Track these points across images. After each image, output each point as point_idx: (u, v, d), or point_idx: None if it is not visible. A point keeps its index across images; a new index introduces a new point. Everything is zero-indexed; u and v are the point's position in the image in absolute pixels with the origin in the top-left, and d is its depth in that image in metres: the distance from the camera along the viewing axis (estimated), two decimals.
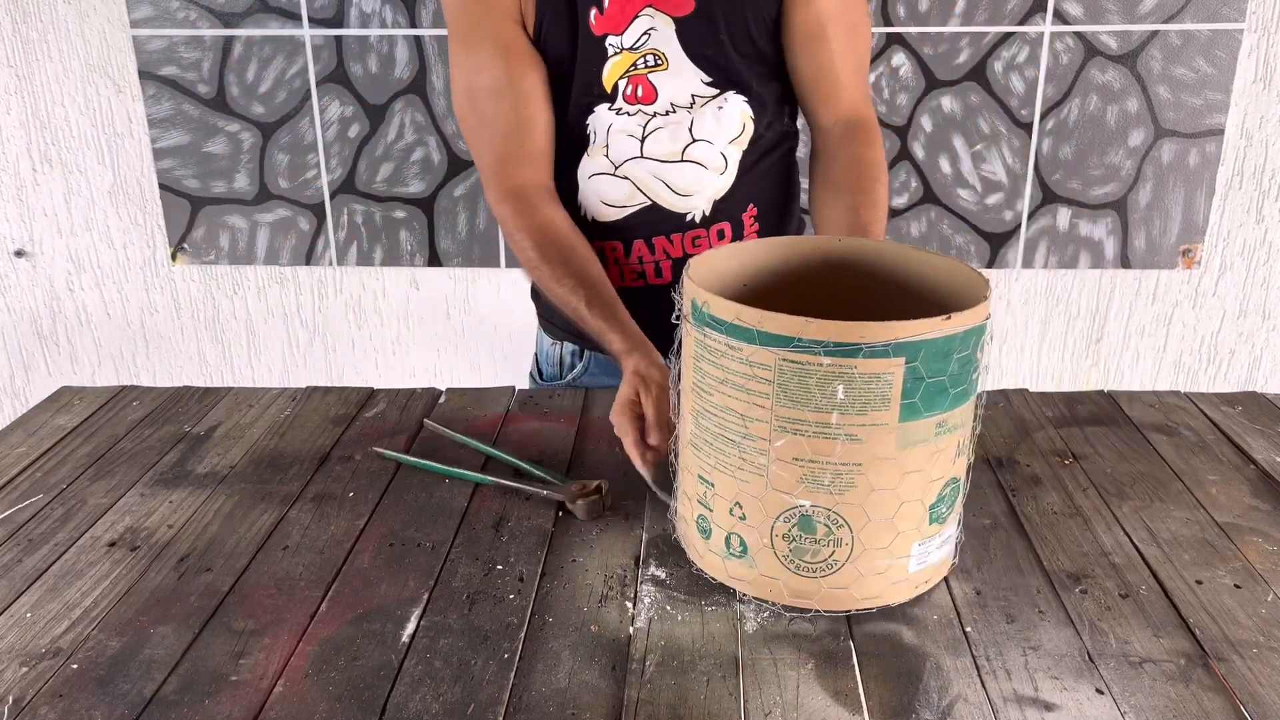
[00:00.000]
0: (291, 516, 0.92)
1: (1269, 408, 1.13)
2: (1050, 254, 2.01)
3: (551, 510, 0.93)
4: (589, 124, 1.13)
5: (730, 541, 0.78)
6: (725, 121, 1.12)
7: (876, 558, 0.75)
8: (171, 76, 1.95)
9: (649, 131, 1.12)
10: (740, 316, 0.71)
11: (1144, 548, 0.86)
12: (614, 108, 1.11)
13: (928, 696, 0.68)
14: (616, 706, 0.68)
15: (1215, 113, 1.90)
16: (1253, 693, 0.68)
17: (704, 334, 0.75)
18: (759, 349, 0.71)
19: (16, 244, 2.10)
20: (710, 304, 0.74)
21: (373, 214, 2.04)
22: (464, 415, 1.13)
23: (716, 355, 0.74)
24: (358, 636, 0.75)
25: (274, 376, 2.20)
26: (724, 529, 0.78)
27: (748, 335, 0.71)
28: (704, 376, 0.76)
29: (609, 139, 1.13)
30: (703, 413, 0.77)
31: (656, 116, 1.11)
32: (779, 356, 0.70)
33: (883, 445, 0.71)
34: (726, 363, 0.73)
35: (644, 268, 1.18)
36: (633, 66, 1.09)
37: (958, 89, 1.91)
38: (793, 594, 0.76)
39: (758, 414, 0.73)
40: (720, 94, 1.12)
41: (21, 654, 0.74)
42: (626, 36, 1.08)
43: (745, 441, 0.74)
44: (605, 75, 1.10)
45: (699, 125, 1.12)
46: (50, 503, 0.95)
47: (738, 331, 0.72)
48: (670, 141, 1.12)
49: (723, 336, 0.73)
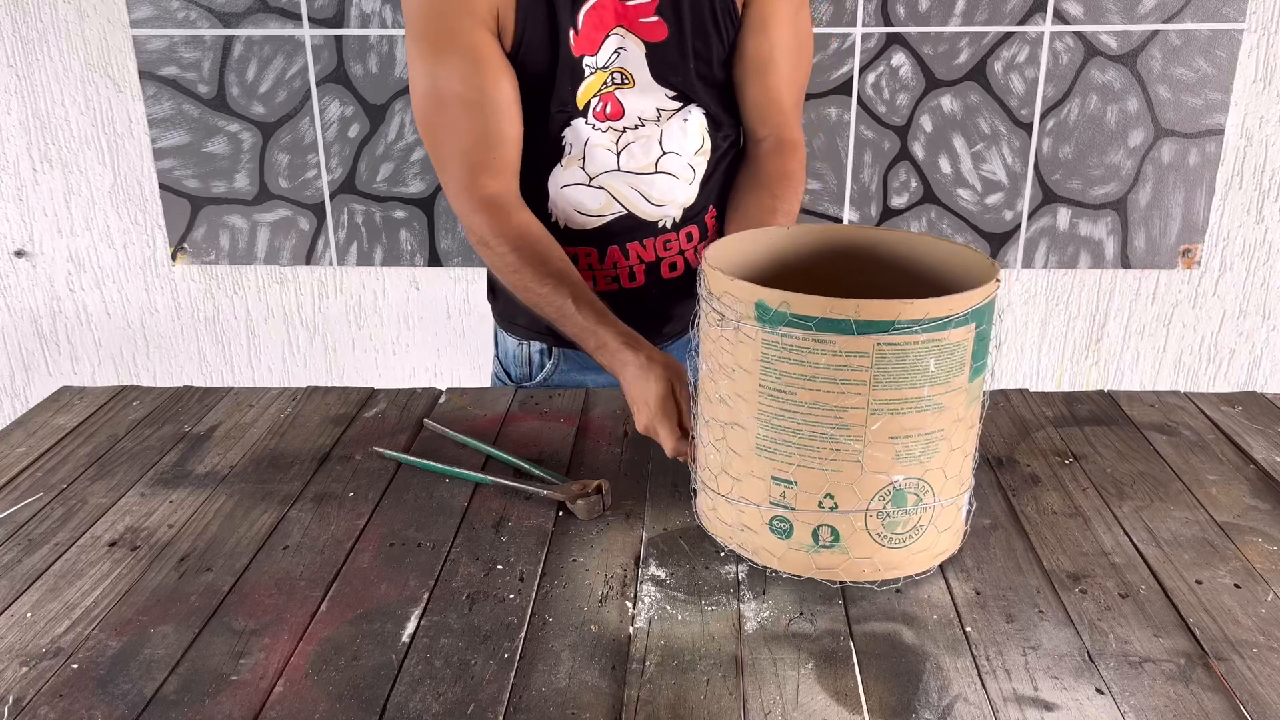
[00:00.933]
0: (291, 516, 0.92)
1: (1269, 408, 1.13)
2: (1050, 254, 2.01)
3: (551, 510, 0.93)
4: (565, 136, 1.14)
5: (819, 534, 0.78)
6: (690, 134, 1.16)
7: (948, 513, 0.79)
8: (171, 76, 1.95)
9: (623, 145, 1.14)
10: (833, 309, 0.72)
11: (1144, 548, 0.86)
12: (589, 123, 1.13)
13: (928, 696, 0.68)
14: (616, 706, 0.68)
15: (1215, 113, 1.90)
16: (1253, 693, 0.69)
17: (779, 334, 0.74)
18: (855, 338, 0.72)
19: (16, 244, 2.10)
20: (791, 303, 0.73)
21: (373, 214, 2.04)
22: (464, 415, 1.13)
23: (801, 353, 0.74)
24: (358, 636, 0.75)
25: (274, 376, 2.20)
26: (810, 524, 0.78)
27: (843, 327, 0.72)
28: (780, 377, 0.75)
29: (585, 152, 1.14)
30: (778, 414, 0.76)
31: (627, 131, 1.14)
32: (876, 342, 0.72)
33: (958, 407, 0.76)
34: (814, 358, 0.73)
35: (618, 272, 1.21)
36: (603, 85, 1.11)
37: (958, 89, 1.91)
38: (886, 568, 0.79)
39: (853, 402, 0.74)
40: (684, 107, 1.15)
41: (21, 654, 0.74)
42: (600, 56, 1.10)
43: (837, 432, 0.75)
44: (580, 94, 1.12)
45: (668, 138, 1.15)
46: (50, 502, 0.95)
47: (829, 325, 0.72)
48: (643, 155, 1.15)
49: (808, 333, 0.73)
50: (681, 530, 0.89)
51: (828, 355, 0.73)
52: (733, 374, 0.78)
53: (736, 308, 0.77)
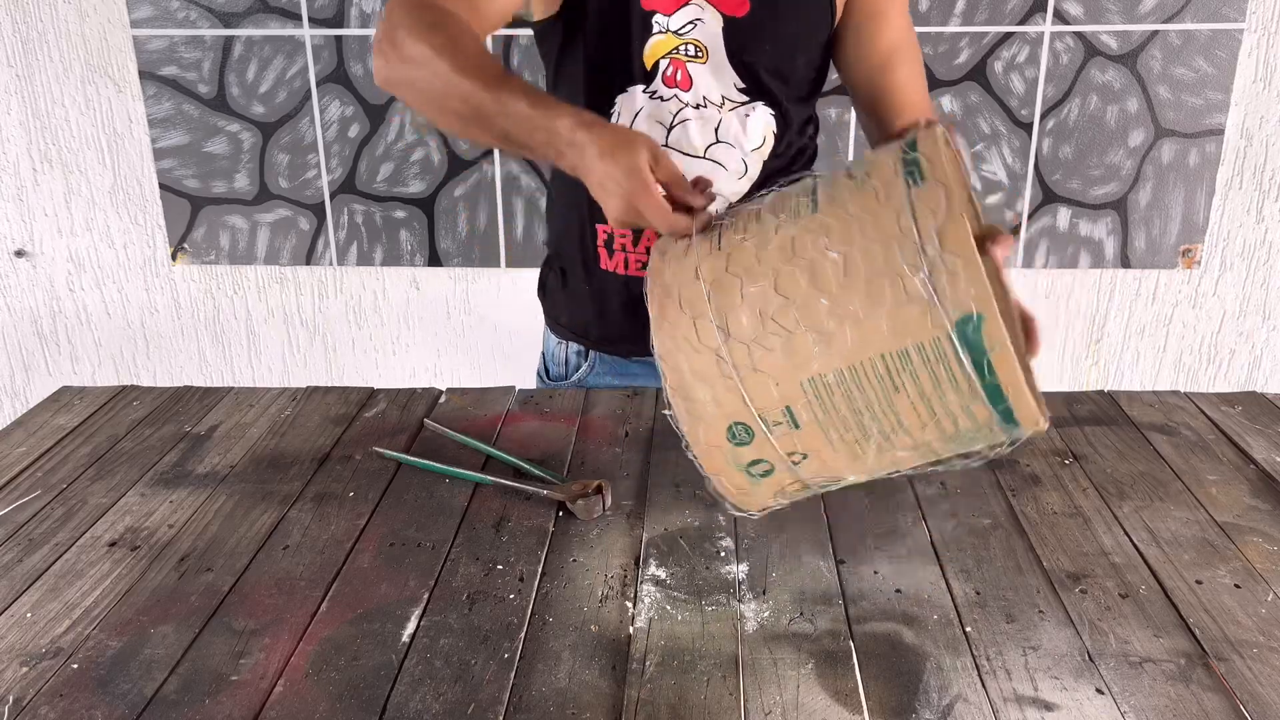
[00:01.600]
0: (291, 516, 0.92)
1: (1269, 408, 1.13)
2: (1050, 254, 2.01)
3: (551, 510, 0.93)
4: (616, 104, 1.09)
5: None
6: (750, 130, 1.11)
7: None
8: (172, 76, 1.95)
9: (676, 122, 1.09)
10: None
11: (1144, 548, 0.86)
12: (649, 90, 1.08)
13: (928, 696, 0.68)
14: (616, 706, 0.68)
15: (1215, 113, 1.90)
16: (1253, 693, 0.69)
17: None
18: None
19: (17, 244, 2.10)
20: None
21: (373, 214, 2.04)
22: (464, 415, 1.13)
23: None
24: (358, 636, 0.75)
25: (274, 376, 2.20)
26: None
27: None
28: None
29: (635, 124, 1.09)
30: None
31: (687, 108, 1.08)
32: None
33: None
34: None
35: (649, 258, 1.16)
36: (674, 50, 1.06)
37: (958, 89, 1.91)
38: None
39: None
40: (750, 103, 1.10)
41: (21, 654, 0.74)
42: (674, 20, 1.05)
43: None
44: (647, 52, 1.06)
45: (725, 127, 1.10)
46: (50, 502, 0.95)
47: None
48: (696, 136, 1.10)
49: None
50: (681, 530, 0.89)
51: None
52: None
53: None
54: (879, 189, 0.68)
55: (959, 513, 0.91)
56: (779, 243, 0.69)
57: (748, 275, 0.69)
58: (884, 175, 0.68)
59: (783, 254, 0.69)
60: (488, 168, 2.00)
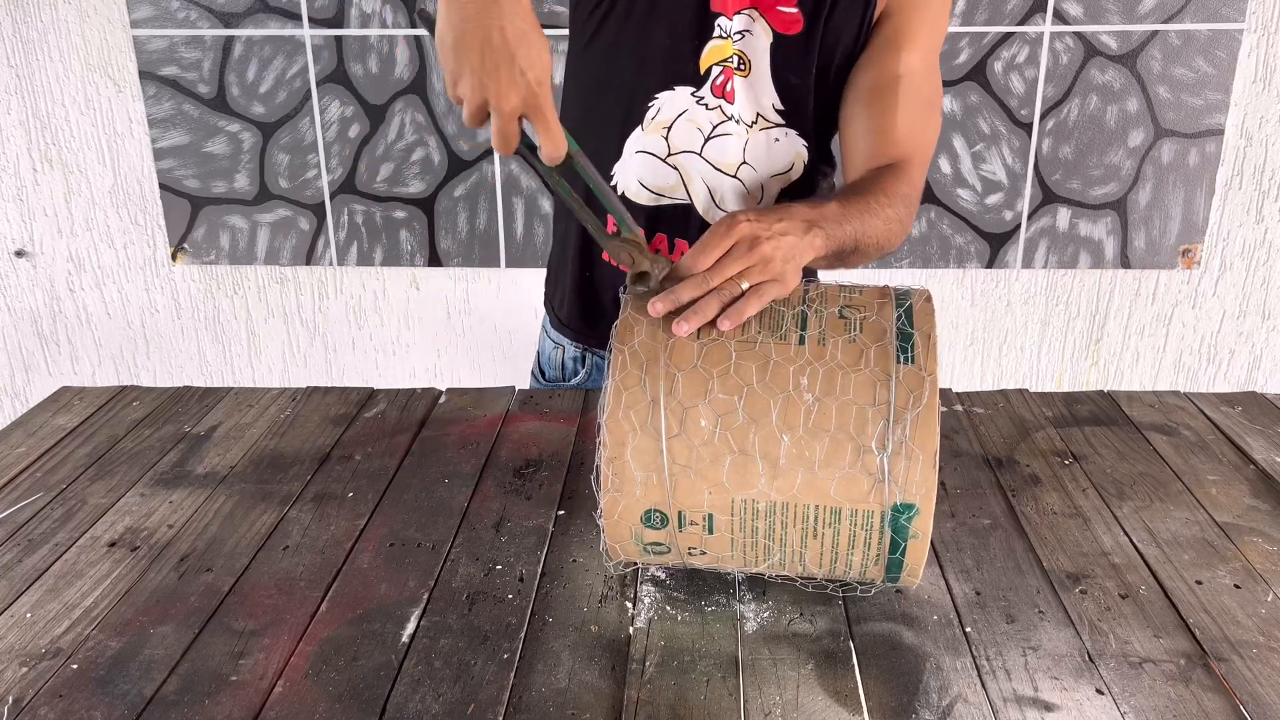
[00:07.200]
0: (291, 516, 0.92)
1: (1269, 408, 1.13)
2: (1050, 254, 2.01)
3: (551, 510, 0.93)
4: (657, 99, 1.05)
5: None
6: (776, 156, 1.07)
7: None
8: (172, 76, 1.95)
9: (717, 134, 1.05)
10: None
11: (1144, 548, 0.86)
12: (698, 95, 1.04)
13: (928, 696, 0.68)
14: (616, 706, 0.68)
15: (1215, 113, 1.90)
16: (1253, 693, 0.69)
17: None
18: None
19: (17, 244, 2.10)
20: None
21: (373, 214, 2.04)
22: (464, 415, 1.13)
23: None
24: (358, 636, 0.75)
25: (274, 376, 2.20)
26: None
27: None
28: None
29: (674, 125, 1.06)
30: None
31: (729, 121, 1.05)
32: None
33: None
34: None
35: None
36: (727, 59, 1.03)
37: (958, 89, 1.91)
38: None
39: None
40: (783, 126, 1.06)
41: (21, 654, 0.74)
42: (732, 24, 1.02)
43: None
44: (704, 55, 1.03)
45: (751, 148, 1.06)
46: (50, 503, 0.95)
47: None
48: (728, 153, 1.06)
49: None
50: None
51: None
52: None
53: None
54: (867, 348, 0.71)
55: (959, 513, 0.91)
56: (759, 360, 0.71)
57: (720, 380, 0.71)
58: (875, 334, 0.71)
59: (760, 375, 0.70)
60: (488, 168, 2.00)
